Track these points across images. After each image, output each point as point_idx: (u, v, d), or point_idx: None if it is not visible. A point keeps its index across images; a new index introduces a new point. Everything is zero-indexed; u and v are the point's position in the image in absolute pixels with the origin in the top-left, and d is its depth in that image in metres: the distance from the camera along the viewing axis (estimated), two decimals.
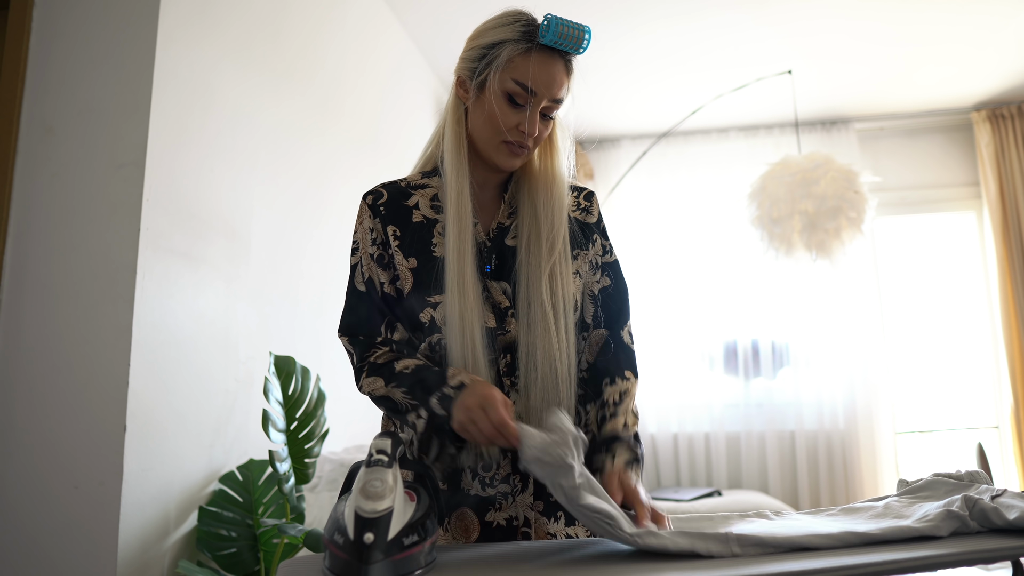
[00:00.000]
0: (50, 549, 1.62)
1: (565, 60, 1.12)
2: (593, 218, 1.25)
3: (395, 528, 0.81)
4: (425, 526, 0.86)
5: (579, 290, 1.18)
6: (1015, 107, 4.38)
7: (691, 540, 0.88)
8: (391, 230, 1.15)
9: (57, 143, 1.79)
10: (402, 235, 1.15)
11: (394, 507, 0.82)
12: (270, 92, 2.31)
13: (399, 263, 1.14)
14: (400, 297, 1.15)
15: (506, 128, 1.11)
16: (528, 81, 1.09)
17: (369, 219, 1.17)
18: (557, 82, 1.11)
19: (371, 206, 1.17)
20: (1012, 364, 4.17)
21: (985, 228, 4.42)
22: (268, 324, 2.24)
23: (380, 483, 0.83)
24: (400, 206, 1.17)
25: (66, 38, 1.83)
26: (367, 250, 1.16)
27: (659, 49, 3.71)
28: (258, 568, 1.88)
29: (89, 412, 1.66)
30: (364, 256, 1.16)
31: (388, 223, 1.15)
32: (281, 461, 1.82)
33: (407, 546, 0.82)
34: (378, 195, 1.18)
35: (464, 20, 3.45)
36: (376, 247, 1.15)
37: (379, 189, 1.19)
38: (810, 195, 3.25)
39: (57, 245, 1.75)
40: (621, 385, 1.15)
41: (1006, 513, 0.89)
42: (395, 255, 1.14)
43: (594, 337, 1.19)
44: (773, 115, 4.50)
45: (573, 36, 1.08)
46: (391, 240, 1.14)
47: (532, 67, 1.09)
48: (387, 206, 1.17)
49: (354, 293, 1.17)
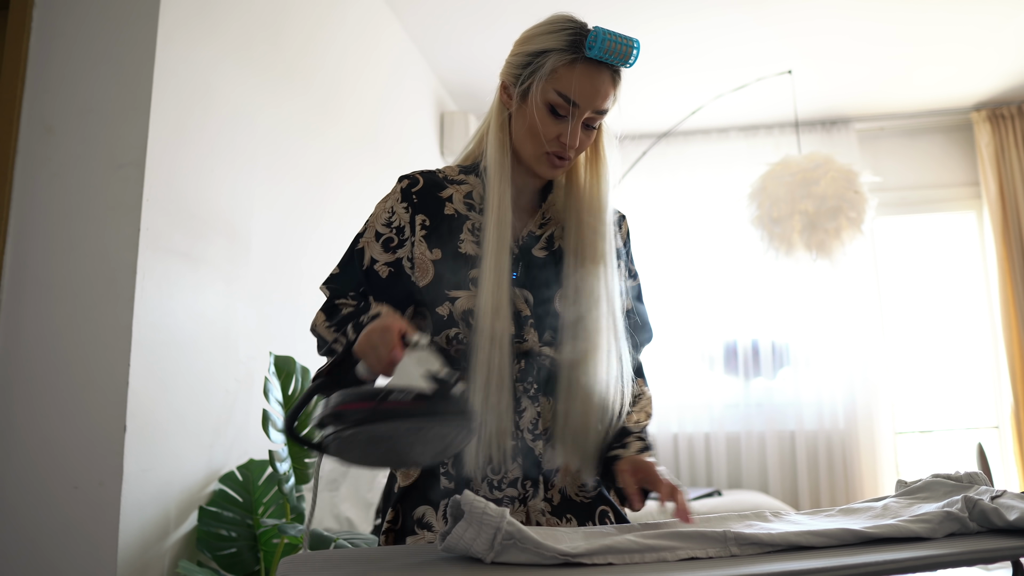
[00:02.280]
0: (50, 549, 1.62)
1: (612, 71, 1.10)
2: (620, 241, 1.23)
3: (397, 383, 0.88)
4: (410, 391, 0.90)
5: None
6: (1015, 107, 4.38)
7: (688, 543, 0.88)
8: (420, 219, 1.14)
9: (57, 143, 1.79)
10: (431, 225, 1.14)
11: None
12: (270, 92, 2.31)
13: (420, 254, 1.13)
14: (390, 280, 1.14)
15: (547, 139, 1.10)
16: (571, 93, 1.07)
17: (396, 202, 1.16)
18: (601, 94, 1.09)
19: (404, 190, 1.17)
20: (1012, 364, 4.17)
21: (985, 228, 4.42)
22: (268, 324, 2.24)
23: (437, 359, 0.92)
24: (434, 196, 1.16)
25: (66, 38, 1.83)
26: (376, 227, 1.16)
27: (659, 49, 3.71)
28: (258, 568, 1.88)
29: (89, 412, 1.67)
30: (370, 231, 1.16)
31: (418, 211, 1.15)
32: (281, 461, 1.82)
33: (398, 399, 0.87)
34: (414, 181, 1.17)
35: (464, 20, 3.48)
36: (388, 228, 1.15)
37: (416, 175, 1.18)
38: (810, 195, 3.25)
39: (57, 245, 1.75)
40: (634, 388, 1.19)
41: (1006, 514, 0.89)
42: (418, 245, 1.13)
43: None
44: (773, 115, 4.50)
45: (620, 51, 1.06)
46: (418, 229, 1.14)
47: (576, 79, 1.07)
48: (420, 194, 1.16)
49: (349, 255, 1.18)
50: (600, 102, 1.10)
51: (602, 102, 1.10)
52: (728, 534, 0.88)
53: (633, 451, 1.11)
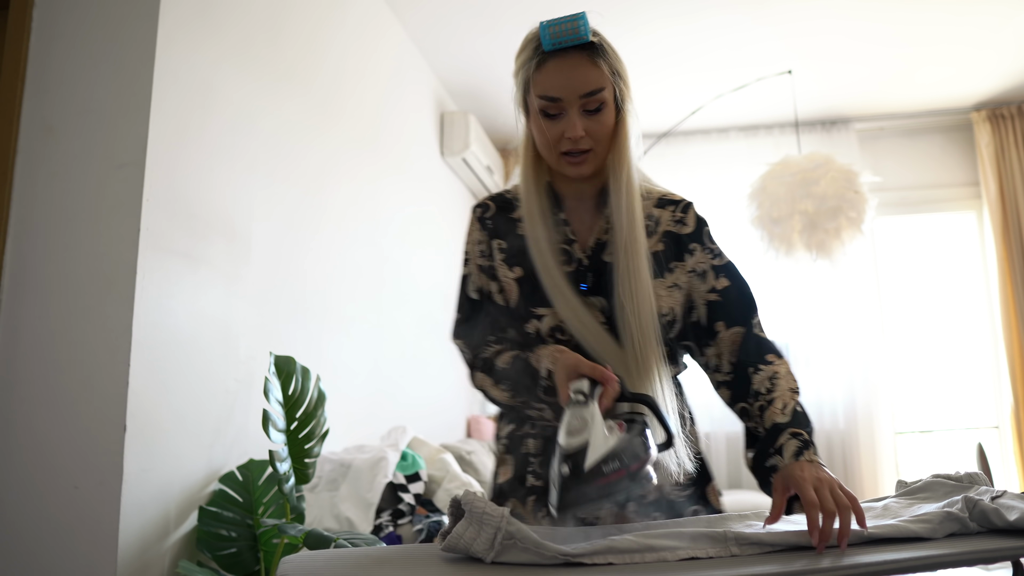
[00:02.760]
0: (50, 549, 1.62)
1: (583, 52, 1.09)
2: (688, 228, 1.21)
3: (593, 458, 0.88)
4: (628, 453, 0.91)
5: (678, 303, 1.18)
6: (1015, 107, 4.38)
7: (688, 543, 0.88)
8: (496, 243, 1.20)
9: (57, 143, 1.79)
10: (507, 247, 1.19)
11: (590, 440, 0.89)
12: (270, 92, 2.31)
13: (503, 275, 1.19)
14: (506, 306, 1.19)
15: (553, 141, 1.12)
16: (547, 91, 1.10)
17: (477, 231, 1.23)
18: (576, 77, 1.09)
19: (479, 219, 1.23)
20: (1012, 364, 4.17)
21: (985, 228, 4.42)
22: (268, 324, 2.24)
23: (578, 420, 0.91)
24: (506, 218, 1.21)
25: (66, 38, 1.83)
26: (476, 261, 1.23)
27: (659, 49, 3.71)
28: (258, 568, 1.88)
29: (89, 412, 1.66)
30: (474, 267, 1.23)
31: (494, 236, 1.21)
32: (281, 461, 1.82)
33: (607, 473, 0.88)
34: (485, 208, 1.24)
35: (464, 21, 3.48)
36: (484, 259, 1.21)
37: (486, 202, 1.25)
38: (810, 195, 3.25)
39: (57, 245, 1.75)
40: (767, 370, 1.10)
41: (1006, 514, 0.89)
42: (499, 268, 1.19)
43: (728, 337, 1.15)
44: (773, 115, 4.50)
45: (567, 30, 1.07)
46: (496, 253, 1.20)
47: (547, 77, 1.09)
48: (493, 219, 1.22)
49: (467, 301, 1.23)
50: (580, 85, 1.09)
51: (582, 84, 1.09)
52: (728, 534, 0.88)
53: (789, 455, 0.99)
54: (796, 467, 0.96)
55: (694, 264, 1.19)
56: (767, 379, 1.09)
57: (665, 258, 1.18)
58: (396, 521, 2.29)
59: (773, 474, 1.00)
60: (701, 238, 1.22)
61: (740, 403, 1.11)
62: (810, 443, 1.01)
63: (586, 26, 1.07)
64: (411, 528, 2.26)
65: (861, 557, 0.83)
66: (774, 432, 1.03)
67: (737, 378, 1.13)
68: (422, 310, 3.56)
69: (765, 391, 1.08)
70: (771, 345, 1.15)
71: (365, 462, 2.33)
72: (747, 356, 1.13)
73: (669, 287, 1.17)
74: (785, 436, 1.02)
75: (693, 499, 1.18)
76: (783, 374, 1.10)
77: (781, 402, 1.06)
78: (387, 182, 3.19)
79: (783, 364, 1.12)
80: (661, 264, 1.17)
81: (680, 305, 1.18)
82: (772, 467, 1.01)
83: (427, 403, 3.56)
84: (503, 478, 1.21)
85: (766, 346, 1.14)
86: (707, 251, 1.21)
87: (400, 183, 3.34)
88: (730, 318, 1.16)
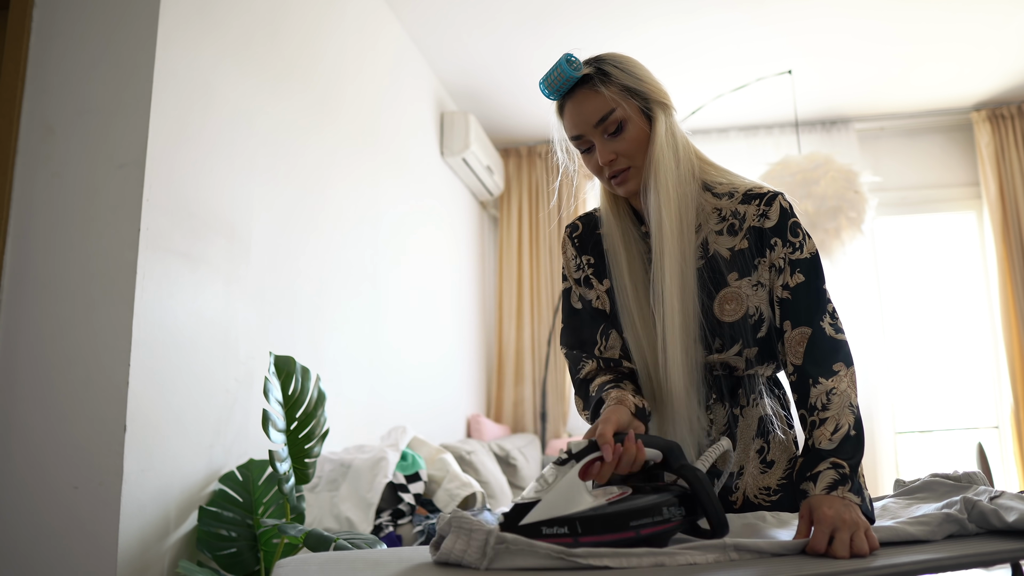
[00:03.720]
0: (50, 549, 1.62)
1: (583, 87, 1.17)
2: (771, 222, 1.18)
3: (537, 516, 0.87)
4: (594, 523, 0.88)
5: (763, 301, 1.17)
6: (1015, 107, 4.38)
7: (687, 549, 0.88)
8: (585, 259, 1.29)
9: (57, 143, 1.79)
10: (595, 263, 1.28)
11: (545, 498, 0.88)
12: (270, 92, 2.31)
13: (596, 287, 1.28)
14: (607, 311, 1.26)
15: (595, 172, 1.23)
16: (569, 131, 1.20)
17: (570, 248, 1.32)
18: (584, 113, 1.17)
19: (569, 237, 1.32)
20: (1012, 364, 4.17)
21: (985, 228, 4.42)
22: (268, 324, 2.25)
23: (550, 477, 0.91)
24: (593, 235, 1.30)
25: (66, 38, 1.83)
26: (573, 276, 1.31)
27: (658, 48, 3.71)
28: (258, 568, 1.88)
29: (89, 412, 1.67)
30: (572, 282, 1.31)
31: (583, 252, 1.30)
32: (281, 461, 1.82)
33: (545, 535, 0.86)
34: (574, 227, 1.32)
35: (464, 20, 3.48)
36: (580, 271, 1.30)
37: (576, 222, 1.33)
38: (810, 195, 3.25)
39: (57, 245, 1.75)
40: (826, 384, 1.07)
41: (1005, 515, 0.89)
42: (592, 280, 1.28)
43: (794, 337, 1.12)
44: (773, 115, 4.50)
45: (556, 76, 1.16)
46: (586, 267, 1.29)
47: (566, 120, 1.21)
48: (581, 237, 1.31)
49: (571, 312, 1.29)
50: (589, 116, 1.17)
51: (591, 115, 1.17)
52: (727, 542, 0.88)
53: (822, 487, 0.99)
54: (826, 501, 0.96)
55: (774, 259, 1.16)
56: (824, 393, 1.07)
57: (751, 255, 1.17)
58: (396, 521, 2.29)
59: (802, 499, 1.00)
60: (784, 231, 1.18)
61: (800, 410, 1.10)
62: (848, 478, 0.99)
63: (570, 66, 1.15)
64: (411, 528, 2.26)
65: (861, 561, 0.83)
66: (815, 458, 1.02)
67: (799, 384, 1.10)
68: (422, 310, 3.56)
69: (821, 406, 1.06)
70: (840, 349, 1.11)
71: (365, 462, 2.33)
72: (811, 363, 1.10)
73: (754, 285, 1.16)
74: (825, 464, 1.01)
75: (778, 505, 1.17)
76: (842, 390, 1.07)
77: (833, 423, 1.04)
78: (387, 182, 3.19)
79: (847, 375, 1.08)
80: (748, 262, 1.16)
81: (766, 303, 1.17)
82: (803, 492, 1.01)
83: (427, 403, 3.56)
84: None
85: (832, 352, 1.10)
86: (788, 245, 1.16)
87: (400, 183, 3.34)
88: (796, 317, 1.13)
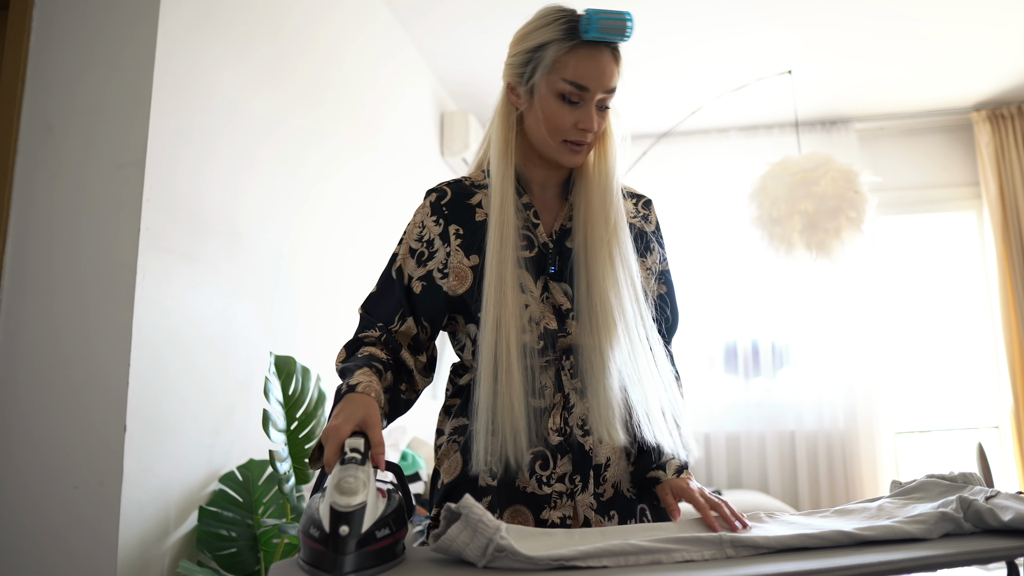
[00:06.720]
0: (50, 549, 1.62)
1: (611, 49, 1.10)
2: (651, 226, 1.25)
3: (368, 522, 0.84)
4: (396, 521, 0.89)
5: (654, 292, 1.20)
6: (1015, 107, 4.38)
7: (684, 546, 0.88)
8: (453, 229, 1.16)
9: (57, 143, 1.80)
10: (464, 233, 1.16)
11: (367, 502, 0.85)
12: (270, 92, 2.32)
13: (458, 262, 1.15)
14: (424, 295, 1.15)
15: (566, 128, 1.11)
16: (579, 79, 1.08)
17: (426, 216, 1.18)
18: (607, 73, 1.10)
19: (433, 204, 1.19)
20: (1012, 364, 4.17)
21: (985, 228, 4.42)
22: (268, 324, 2.25)
23: (353, 479, 0.86)
24: (464, 205, 1.18)
25: (66, 38, 1.84)
26: (409, 243, 1.18)
27: (658, 48, 3.71)
28: (258, 568, 1.88)
29: (89, 412, 1.67)
30: (405, 247, 1.18)
31: (451, 222, 1.17)
32: (281, 461, 1.82)
33: (380, 539, 0.85)
34: (442, 194, 1.19)
35: (464, 20, 3.47)
36: (420, 243, 1.17)
37: (443, 187, 1.20)
38: (810, 195, 3.25)
39: (57, 245, 1.76)
40: None
41: (1000, 514, 0.89)
42: (454, 254, 1.15)
43: None
44: (773, 115, 4.50)
45: (616, 27, 1.07)
46: (452, 239, 1.15)
47: (580, 64, 1.08)
48: (450, 205, 1.18)
49: (386, 279, 1.19)
50: (608, 81, 1.10)
51: (609, 80, 1.10)
52: (724, 537, 0.89)
53: (672, 472, 1.13)
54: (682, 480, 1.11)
55: (651, 262, 1.22)
56: None
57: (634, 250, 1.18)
58: None
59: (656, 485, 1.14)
60: (660, 238, 1.26)
61: None
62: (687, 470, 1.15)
63: (632, 29, 1.08)
64: (411, 528, 2.26)
65: (857, 558, 0.83)
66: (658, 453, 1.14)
67: None
68: None
69: None
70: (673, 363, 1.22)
71: None
72: None
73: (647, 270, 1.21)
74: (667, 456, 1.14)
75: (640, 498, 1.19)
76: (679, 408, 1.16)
77: None
78: (387, 182, 3.19)
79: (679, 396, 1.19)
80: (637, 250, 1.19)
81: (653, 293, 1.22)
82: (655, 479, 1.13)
83: (427, 403, 3.56)
84: (449, 477, 1.16)
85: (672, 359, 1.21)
86: (659, 253, 1.24)
87: (400, 183, 3.34)
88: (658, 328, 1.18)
